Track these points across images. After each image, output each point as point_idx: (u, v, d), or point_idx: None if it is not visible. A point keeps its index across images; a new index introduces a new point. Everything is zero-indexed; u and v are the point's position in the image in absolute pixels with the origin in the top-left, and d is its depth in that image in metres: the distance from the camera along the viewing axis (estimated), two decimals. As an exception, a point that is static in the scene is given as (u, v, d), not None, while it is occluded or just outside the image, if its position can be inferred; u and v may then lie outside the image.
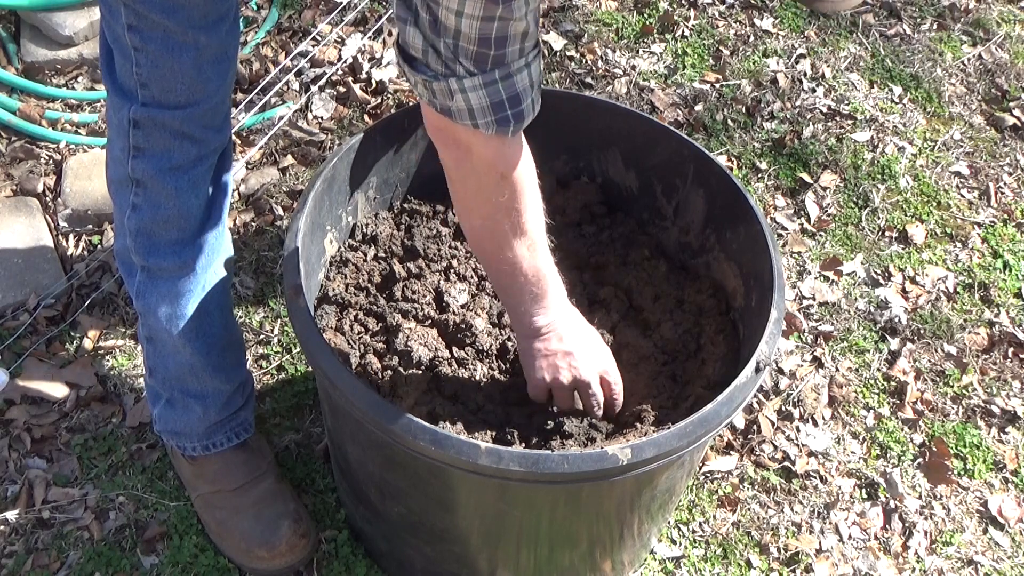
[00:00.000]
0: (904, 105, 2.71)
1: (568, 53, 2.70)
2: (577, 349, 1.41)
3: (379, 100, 2.54)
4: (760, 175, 2.50)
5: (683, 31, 2.80)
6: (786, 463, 2.00)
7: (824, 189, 2.48)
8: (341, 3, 2.70)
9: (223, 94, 1.47)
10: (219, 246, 1.61)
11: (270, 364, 2.06)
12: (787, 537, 1.91)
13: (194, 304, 1.60)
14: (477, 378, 1.50)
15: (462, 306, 1.61)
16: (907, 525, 1.95)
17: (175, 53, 1.37)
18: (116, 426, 1.95)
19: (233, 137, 2.37)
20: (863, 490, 2.00)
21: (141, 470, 1.89)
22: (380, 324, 1.57)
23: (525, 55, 1.17)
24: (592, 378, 1.43)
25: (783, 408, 2.08)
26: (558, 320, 1.40)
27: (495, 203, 1.30)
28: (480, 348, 1.54)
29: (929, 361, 2.19)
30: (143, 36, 1.35)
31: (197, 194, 1.52)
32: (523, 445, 1.44)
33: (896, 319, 2.23)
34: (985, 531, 1.96)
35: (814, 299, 2.27)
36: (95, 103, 2.47)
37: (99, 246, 2.20)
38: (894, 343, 2.21)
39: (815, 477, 2.00)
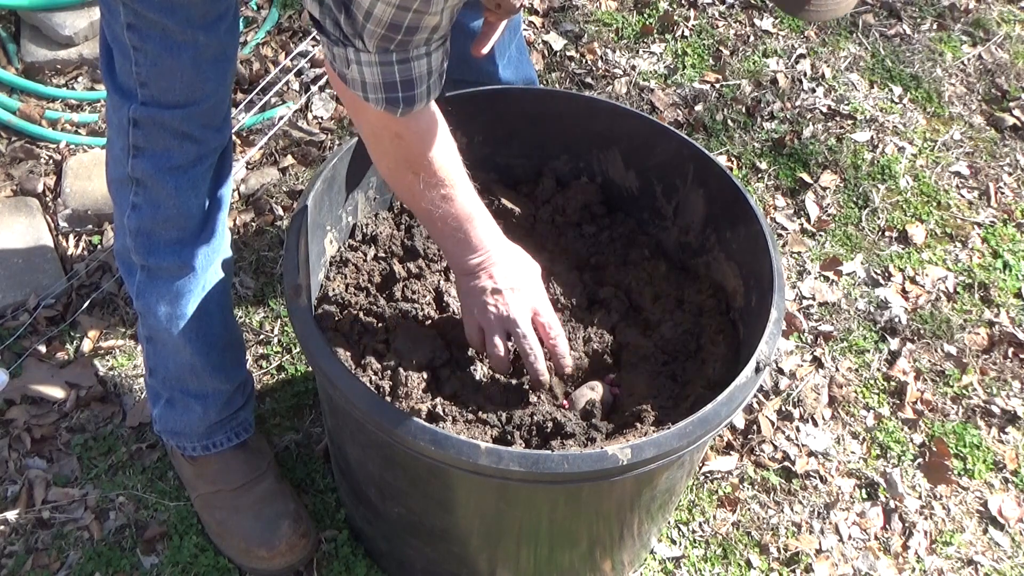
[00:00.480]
0: (904, 105, 2.71)
1: (568, 53, 2.70)
2: (507, 287, 1.37)
3: (379, 100, 2.53)
4: (760, 175, 2.50)
5: (683, 31, 2.80)
6: (786, 463, 2.00)
7: (824, 189, 2.48)
8: (341, 3, 2.70)
9: (222, 93, 1.47)
10: (219, 246, 1.61)
11: (270, 364, 2.06)
12: (787, 537, 1.91)
13: (194, 304, 1.60)
14: (477, 378, 1.50)
15: (462, 306, 1.61)
16: (907, 525, 1.95)
17: (174, 52, 1.37)
18: (116, 426, 1.95)
19: (233, 137, 2.37)
20: (863, 490, 2.00)
21: (141, 470, 1.89)
22: (380, 324, 1.57)
23: (428, 44, 1.17)
24: (519, 316, 1.37)
25: (783, 408, 2.08)
26: (490, 259, 1.38)
27: (395, 156, 1.31)
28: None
29: (929, 361, 2.19)
30: (142, 35, 1.35)
31: (197, 194, 1.52)
32: (523, 445, 1.44)
33: (896, 319, 2.23)
34: (985, 531, 1.96)
35: (814, 299, 2.27)
36: (95, 103, 2.47)
37: (99, 246, 2.20)
38: (894, 343, 2.21)
39: (815, 477, 2.00)
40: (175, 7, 1.33)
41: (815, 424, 2.07)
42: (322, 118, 2.48)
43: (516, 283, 1.39)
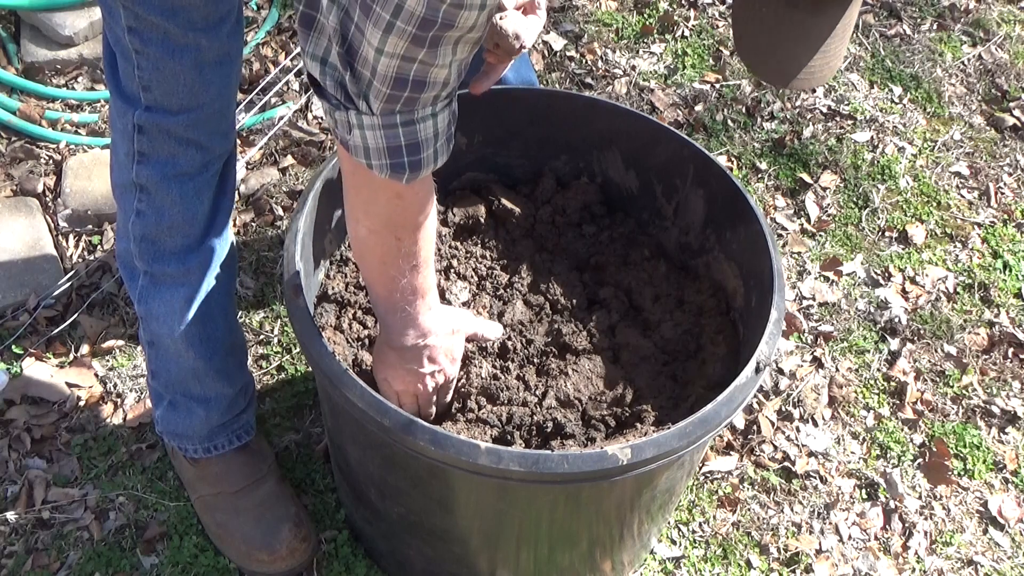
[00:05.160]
0: (904, 105, 2.71)
1: (568, 53, 2.70)
2: (437, 370, 1.41)
3: (379, 100, 2.53)
4: (760, 175, 2.50)
5: (683, 31, 2.80)
6: (786, 463, 2.00)
7: (824, 189, 2.48)
8: (341, 3, 2.70)
9: (227, 98, 1.46)
10: (223, 251, 1.60)
11: (270, 364, 2.06)
12: (787, 537, 1.91)
13: (197, 309, 1.59)
14: (476, 378, 1.50)
15: (463, 304, 1.61)
16: (907, 525, 1.95)
17: (176, 55, 1.36)
18: (116, 426, 1.95)
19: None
20: (863, 490, 2.00)
21: (141, 470, 1.89)
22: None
23: (435, 104, 1.11)
24: (443, 396, 1.47)
25: (783, 408, 2.08)
26: (427, 344, 1.38)
27: (386, 217, 1.25)
28: (481, 347, 1.54)
29: (929, 361, 2.19)
30: (143, 38, 1.34)
31: (202, 200, 1.51)
32: (523, 445, 1.44)
33: (896, 319, 2.23)
34: (985, 531, 1.96)
35: (814, 299, 2.27)
36: (95, 103, 2.47)
37: (99, 246, 2.20)
38: (894, 343, 2.21)
39: (815, 477, 2.00)
40: (175, 9, 1.32)
41: (815, 424, 2.07)
42: (322, 118, 2.48)
43: (449, 358, 1.43)
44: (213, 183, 1.53)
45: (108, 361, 2.04)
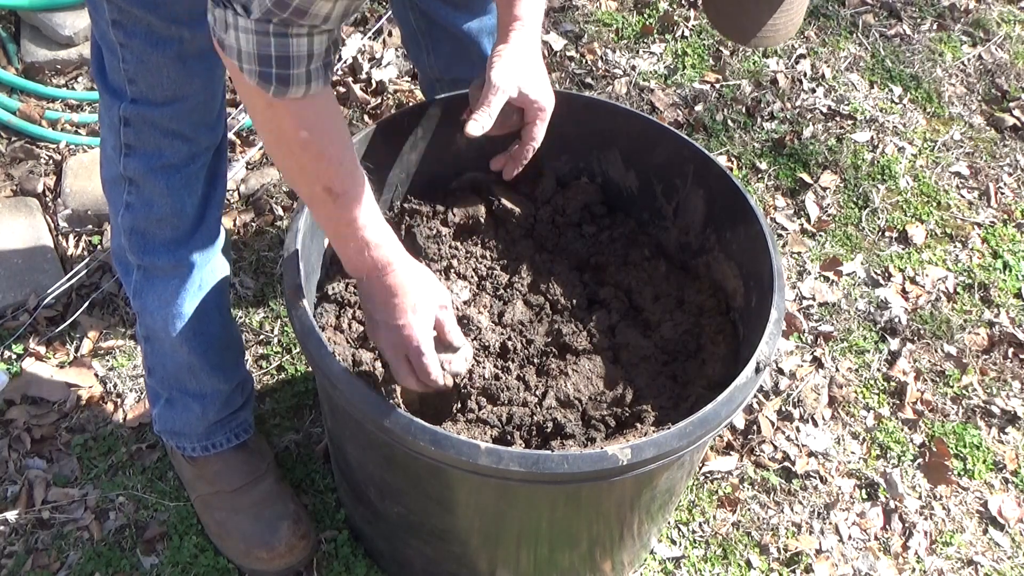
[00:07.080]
0: (904, 105, 2.71)
1: (568, 53, 2.70)
2: (404, 322, 1.30)
3: (379, 100, 2.54)
4: (760, 175, 2.49)
5: (683, 31, 2.80)
6: (786, 463, 2.00)
7: (824, 189, 2.48)
8: (341, 3, 2.70)
9: (212, 90, 1.46)
10: (216, 245, 1.61)
11: (270, 364, 2.06)
12: (787, 537, 1.91)
13: (191, 304, 1.60)
14: (477, 377, 1.50)
15: (464, 303, 1.61)
16: (907, 525, 1.95)
17: (159, 48, 1.36)
18: (116, 426, 1.95)
19: (232, 136, 2.37)
20: (863, 490, 2.00)
21: (141, 470, 1.89)
22: (380, 324, 1.57)
23: (312, 29, 1.11)
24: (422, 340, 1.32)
25: (783, 408, 2.08)
26: (375, 278, 1.30)
27: (263, 123, 1.23)
28: (482, 346, 1.54)
29: (929, 361, 2.19)
30: (127, 32, 1.35)
31: (191, 192, 1.52)
32: (523, 445, 1.44)
33: (896, 319, 2.23)
34: (985, 531, 1.96)
35: (814, 299, 2.27)
36: (95, 103, 2.47)
37: (99, 246, 2.20)
38: (894, 343, 2.21)
39: (815, 477, 2.00)
40: (158, 2, 1.32)
41: (815, 424, 2.07)
42: (322, 118, 2.48)
43: (412, 319, 1.31)
44: (202, 175, 1.53)
45: (108, 361, 2.04)
